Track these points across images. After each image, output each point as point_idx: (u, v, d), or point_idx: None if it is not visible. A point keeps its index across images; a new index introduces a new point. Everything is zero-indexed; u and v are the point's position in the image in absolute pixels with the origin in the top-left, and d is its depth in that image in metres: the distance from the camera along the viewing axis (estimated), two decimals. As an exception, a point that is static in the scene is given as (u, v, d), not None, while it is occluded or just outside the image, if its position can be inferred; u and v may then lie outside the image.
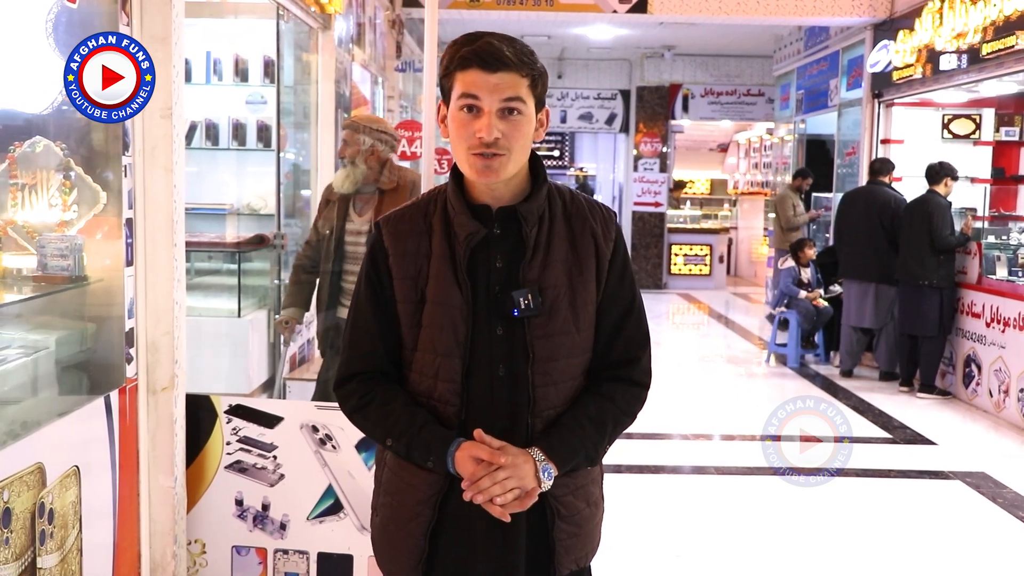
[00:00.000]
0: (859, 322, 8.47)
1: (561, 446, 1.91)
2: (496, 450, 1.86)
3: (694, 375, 8.82)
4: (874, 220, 8.21)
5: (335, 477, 3.22)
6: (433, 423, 1.92)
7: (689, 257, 15.62)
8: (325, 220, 4.57)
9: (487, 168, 1.88)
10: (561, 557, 1.96)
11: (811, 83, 11.74)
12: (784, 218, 10.84)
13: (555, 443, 1.90)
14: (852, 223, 8.48)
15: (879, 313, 8.30)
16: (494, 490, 1.83)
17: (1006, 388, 7.03)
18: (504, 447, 1.87)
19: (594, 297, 1.97)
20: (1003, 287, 7.26)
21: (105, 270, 3.03)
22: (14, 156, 2.88)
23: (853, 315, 8.49)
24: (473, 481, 1.84)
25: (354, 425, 2.05)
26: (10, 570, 2.38)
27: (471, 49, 1.86)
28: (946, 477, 5.76)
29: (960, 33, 7.74)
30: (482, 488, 1.83)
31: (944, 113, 9.57)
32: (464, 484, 1.85)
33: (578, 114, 15.81)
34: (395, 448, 1.95)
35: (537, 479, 1.86)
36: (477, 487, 1.83)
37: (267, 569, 3.29)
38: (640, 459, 5.86)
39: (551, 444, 1.90)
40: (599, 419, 1.95)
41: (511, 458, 1.85)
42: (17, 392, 2.78)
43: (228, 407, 3.30)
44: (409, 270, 1.95)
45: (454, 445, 1.88)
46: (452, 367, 1.91)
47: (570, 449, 1.91)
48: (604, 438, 1.97)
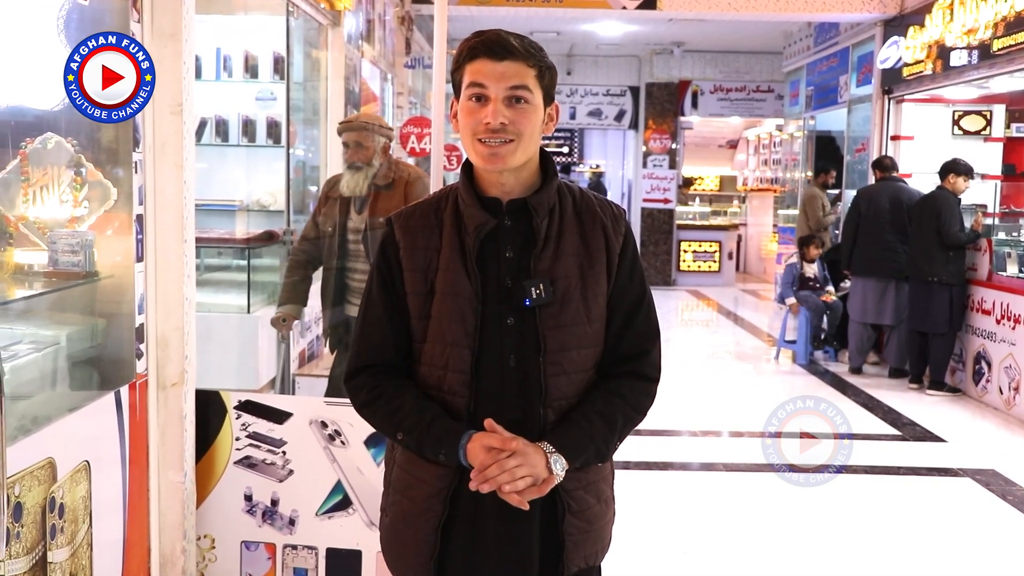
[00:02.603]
0: (878, 319, 8.40)
1: (571, 440, 1.91)
2: (508, 438, 1.86)
3: (703, 372, 8.81)
4: (901, 216, 8.15)
5: (344, 473, 3.22)
6: (443, 416, 1.92)
7: (698, 254, 15.60)
8: (327, 217, 4.54)
9: (493, 155, 1.89)
10: (571, 553, 1.97)
11: (821, 79, 11.71)
12: (814, 218, 10.46)
13: (564, 437, 1.91)
14: (874, 219, 8.32)
15: (899, 309, 8.27)
16: (502, 478, 1.82)
17: (1016, 385, 7.01)
18: (515, 438, 1.87)
19: (605, 290, 1.97)
20: (1013, 284, 7.24)
21: (115, 266, 3.04)
22: (26, 152, 2.89)
23: (870, 312, 8.41)
24: (481, 470, 1.84)
25: (364, 419, 2.06)
26: (21, 564, 2.39)
27: (480, 40, 1.91)
28: (955, 474, 5.74)
29: (971, 29, 7.71)
30: (489, 476, 1.82)
31: (954, 109, 9.53)
32: (473, 474, 1.85)
33: (587, 110, 15.80)
34: (406, 442, 1.95)
35: (549, 469, 1.86)
36: (484, 476, 1.83)
37: (276, 564, 3.30)
38: (649, 455, 5.86)
39: (560, 438, 1.90)
40: (609, 414, 1.95)
41: (522, 445, 1.85)
42: (28, 387, 2.79)
43: (237, 403, 3.31)
44: (419, 263, 1.96)
45: (465, 437, 1.88)
46: (461, 357, 1.91)
47: (580, 443, 1.91)
48: (614, 433, 1.96)
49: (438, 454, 1.91)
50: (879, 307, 8.36)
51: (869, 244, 8.42)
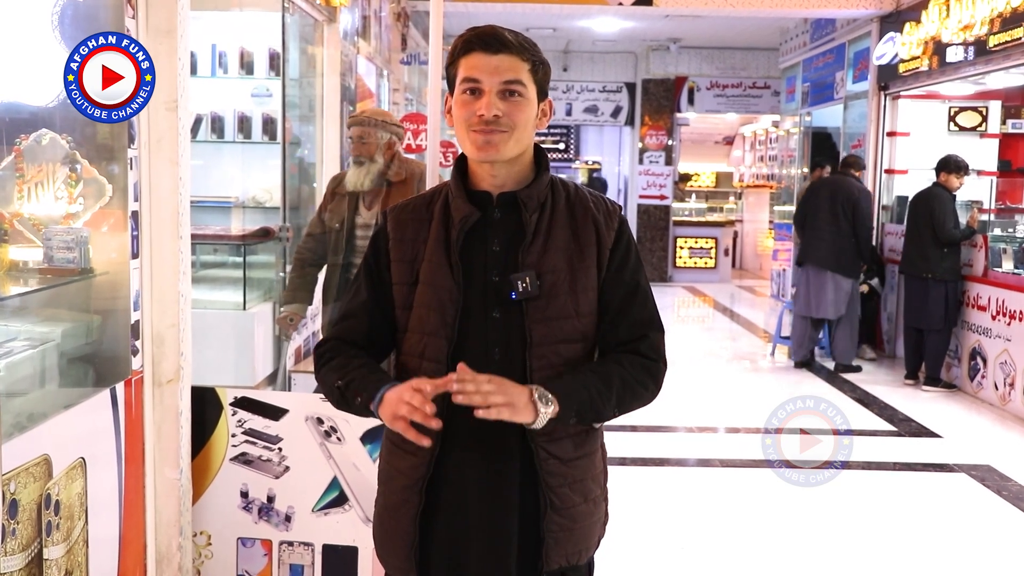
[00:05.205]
0: (817, 313, 8.48)
1: (562, 385, 1.87)
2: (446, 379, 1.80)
3: (699, 368, 8.82)
4: (837, 209, 8.26)
5: (340, 469, 3.22)
6: (385, 373, 1.95)
7: (694, 250, 15.60)
8: (333, 213, 4.53)
9: (487, 143, 1.90)
10: (550, 550, 1.95)
11: (817, 76, 11.71)
12: None
13: (555, 382, 1.87)
14: (815, 213, 8.49)
15: (837, 304, 8.33)
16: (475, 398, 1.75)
17: (1012, 381, 7.02)
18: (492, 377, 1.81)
19: (595, 283, 1.97)
20: (1009, 280, 7.25)
21: (111, 262, 3.04)
22: (20, 149, 2.89)
23: (811, 306, 8.48)
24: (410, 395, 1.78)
25: (318, 381, 2.07)
26: (16, 561, 2.39)
27: (474, 33, 1.92)
28: (951, 470, 5.75)
29: (967, 25, 7.71)
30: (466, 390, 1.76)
31: (950, 105, 9.54)
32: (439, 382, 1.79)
33: (583, 107, 15.79)
34: (340, 388, 1.96)
35: (533, 405, 1.81)
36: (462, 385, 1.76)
37: (272, 561, 3.30)
38: (645, 452, 5.87)
39: (551, 383, 1.86)
40: (604, 373, 1.93)
41: (500, 378, 1.81)
42: (23, 384, 2.78)
43: (233, 399, 3.30)
44: (407, 254, 1.98)
45: (389, 385, 1.87)
46: (438, 347, 1.92)
47: (572, 389, 1.87)
48: (611, 391, 1.91)
49: (356, 398, 1.91)
50: (817, 300, 8.42)
51: (810, 237, 8.56)
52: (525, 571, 1.96)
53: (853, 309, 8.42)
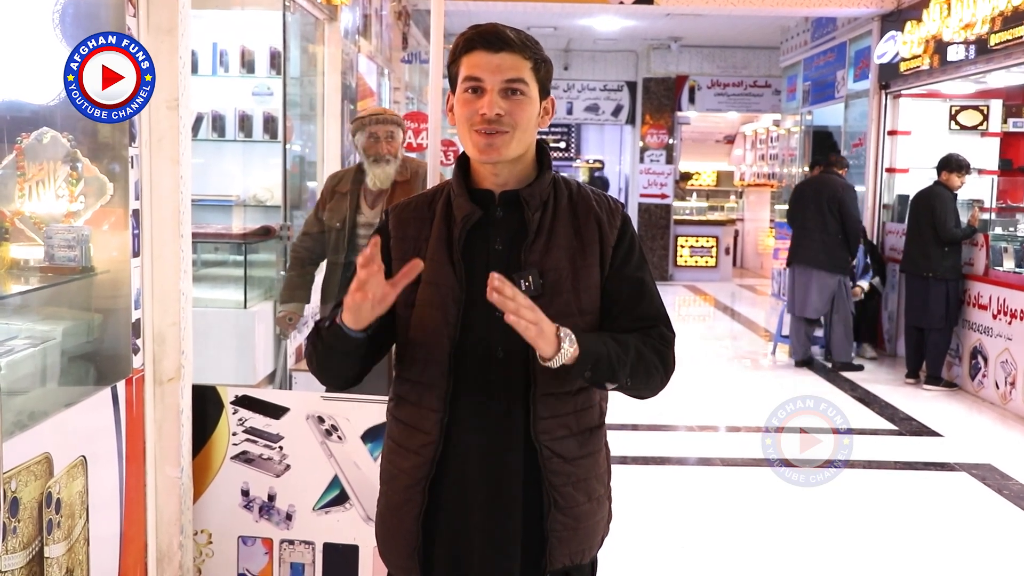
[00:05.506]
0: (802, 312, 8.53)
1: (584, 337, 1.85)
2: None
3: (700, 367, 8.81)
4: (823, 208, 8.29)
5: (341, 468, 3.22)
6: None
7: (695, 249, 15.60)
8: (333, 212, 4.52)
9: (489, 146, 1.89)
10: (554, 549, 1.95)
11: (818, 74, 11.70)
12: None
13: (577, 332, 1.84)
14: (802, 211, 8.54)
15: (820, 303, 8.36)
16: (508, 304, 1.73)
17: (1013, 380, 7.02)
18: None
19: (598, 281, 1.96)
20: (1010, 279, 7.25)
21: (111, 261, 3.03)
22: (21, 147, 2.89)
23: (797, 304, 8.54)
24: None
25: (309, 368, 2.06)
26: (18, 559, 2.39)
27: (476, 32, 1.92)
28: (952, 469, 5.75)
29: (968, 24, 7.71)
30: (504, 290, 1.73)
31: (951, 104, 9.54)
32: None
33: (584, 106, 15.78)
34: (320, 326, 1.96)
35: (558, 340, 1.79)
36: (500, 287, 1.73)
37: (273, 559, 3.30)
38: (646, 450, 5.87)
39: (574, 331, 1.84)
40: (623, 341, 1.91)
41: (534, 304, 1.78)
42: (24, 382, 2.78)
43: (234, 398, 3.30)
44: (408, 252, 1.97)
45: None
46: (440, 346, 1.92)
47: (593, 341, 1.85)
48: (627, 355, 1.90)
49: (328, 332, 1.90)
50: (802, 300, 8.46)
51: (799, 237, 8.61)
52: (528, 571, 1.95)
53: (844, 306, 8.42)
